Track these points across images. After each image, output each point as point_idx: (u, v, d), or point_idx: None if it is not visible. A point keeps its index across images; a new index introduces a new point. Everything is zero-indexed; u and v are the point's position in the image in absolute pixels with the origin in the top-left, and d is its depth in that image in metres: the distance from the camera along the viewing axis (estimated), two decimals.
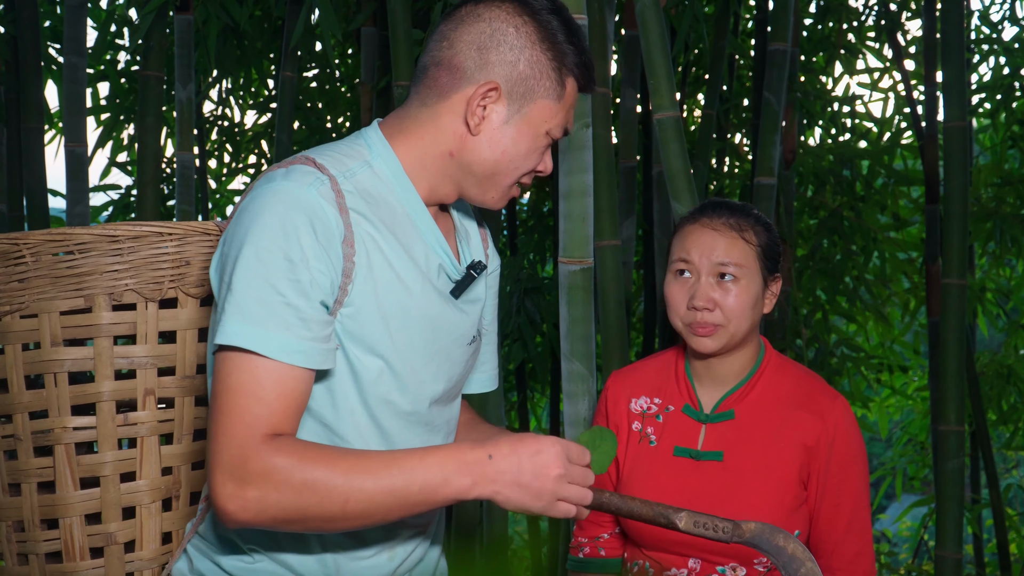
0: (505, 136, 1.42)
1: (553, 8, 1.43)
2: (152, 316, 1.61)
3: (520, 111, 1.42)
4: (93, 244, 1.58)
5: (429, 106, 1.43)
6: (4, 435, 1.63)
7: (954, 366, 3.18)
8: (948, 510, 3.18)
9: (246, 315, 1.28)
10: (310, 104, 5.04)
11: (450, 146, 1.43)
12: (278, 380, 1.29)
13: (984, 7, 4.84)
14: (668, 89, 2.48)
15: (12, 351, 1.60)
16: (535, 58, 1.41)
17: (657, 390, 1.88)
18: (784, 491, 1.76)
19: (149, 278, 1.60)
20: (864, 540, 1.81)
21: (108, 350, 1.59)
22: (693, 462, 1.80)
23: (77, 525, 1.60)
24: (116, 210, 4.85)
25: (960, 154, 3.30)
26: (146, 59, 3.61)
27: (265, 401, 1.28)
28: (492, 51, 1.40)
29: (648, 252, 4.56)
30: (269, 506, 1.26)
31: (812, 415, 1.78)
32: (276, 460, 1.26)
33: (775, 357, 1.86)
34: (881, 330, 5.03)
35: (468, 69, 1.40)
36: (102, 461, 1.61)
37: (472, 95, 1.39)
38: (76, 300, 1.58)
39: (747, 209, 1.82)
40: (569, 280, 2.32)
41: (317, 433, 1.40)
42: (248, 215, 1.33)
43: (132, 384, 1.62)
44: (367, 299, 1.37)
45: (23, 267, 1.58)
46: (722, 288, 1.75)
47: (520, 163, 1.45)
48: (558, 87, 1.43)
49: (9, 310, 1.59)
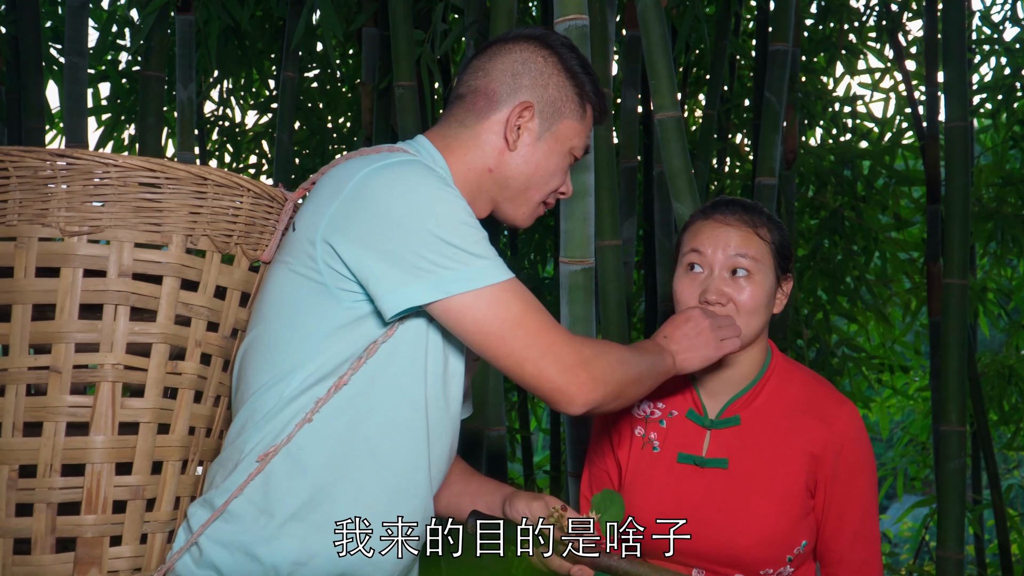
0: (538, 151, 1.61)
1: (570, 47, 1.66)
2: (215, 267, 1.56)
3: (550, 129, 1.61)
4: (183, 183, 1.51)
5: (469, 127, 1.61)
6: (32, 366, 1.48)
7: (955, 366, 3.18)
8: (949, 511, 3.17)
9: (478, 257, 1.44)
10: (311, 104, 5.04)
11: (489, 162, 1.60)
12: (528, 294, 1.48)
13: (985, 7, 4.83)
14: (669, 89, 2.47)
15: (70, 274, 1.47)
16: (561, 83, 1.62)
17: (660, 395, 1.84)
18: (790, 500, 1.72)
19: (223, 229, 1.57)
20: (872, 549, 1.78)
21: (175, 291, 1.52)
22: (697, 469, 1.77)
23: (106, 472, 1.48)
24: None
25: (961, 154, 3.29)
26: (147, 59, 3.61)
27: (541, 311, 1.48)
28: (524, 77, 1.61)
29: (649, 252, 4.56)
30: (608, 379, 1.49)
31: (819, 422, 1.75)
32: (589, 347, 1.50)
33: (782, 361, 1.83)
34: (882, 330, 5.02)
35: (503, 93, 1.60)
36: (146, 407, 1.51)
37: (510, 113, 1.59)
38: (153, 235, 1.50)
39: (759, 207, 1.80)
40: (570, 280, 2.31)
41: (388, 400, 1.51)
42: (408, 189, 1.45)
43: (185, 332, 1.54)
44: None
45: (106, 188, 1.48)
46: (735, 283, 1.73)
47: (550, 179, 1.63)
48: (580, 109, 1.64)
49: (78, 231, 1.48)
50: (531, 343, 1.45)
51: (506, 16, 2.67)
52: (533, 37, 1.64)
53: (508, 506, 1.67)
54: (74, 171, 1.48)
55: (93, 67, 4.48)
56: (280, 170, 4.17)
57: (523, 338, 1.45)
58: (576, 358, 1.46)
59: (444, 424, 1.56)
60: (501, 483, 1.75)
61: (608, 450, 1.88)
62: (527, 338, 1.45)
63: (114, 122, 4.70)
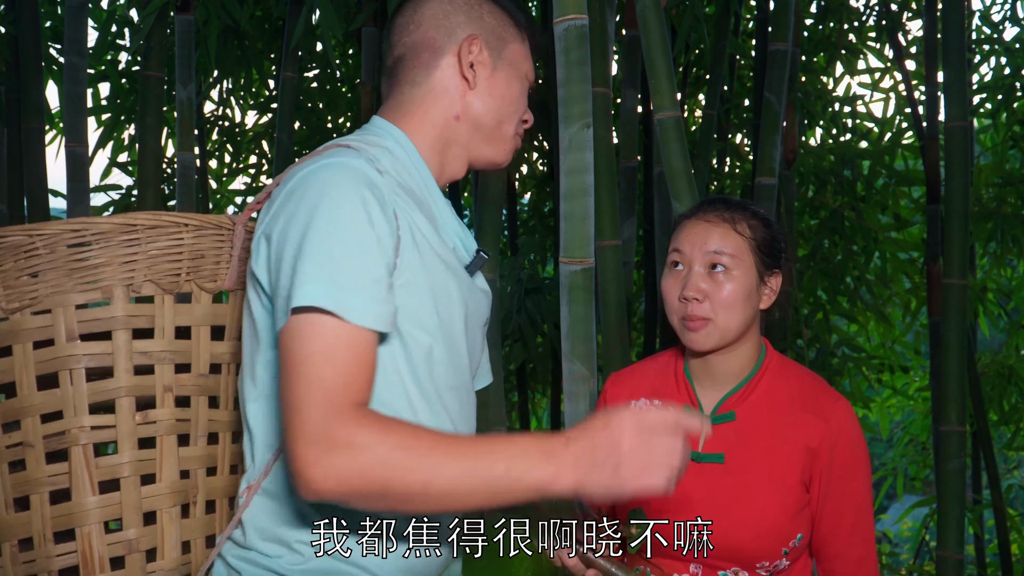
0: (498, 81, 1.52)
1: None
2: (169, 310, 1.54)
3: (501, 56, 1.53)
4: (110, 234, 1.50)
5: (420, 84, 1.50)
6: (9, 444, 1.52)
7: (955, 366, 3.17)
8: (949, 511, 3.17)
9: (323, 278, 1.27)
10: (311, 104, 5.04)
11: (455, 109, 1.50)
12: (352, 344, 1.27)
13: (985, 7, 4.83)
14: (669, 90, 2.47)
15: (22, 350, 1.50)
16: (493, 10, 1.54)
17: (656, 391, 1.85)
18: (786, 494, 1.74)
19: (167, 270, 1.54)
20: (868, 544, 1.79)
21: (127, 344, 1.51)
22: (694, 464, 1.77)
23: (96, 533, 1.49)
24: (117, 210, 4.85)
25: (961, 154, 3.29)
26: (147, 59, 3.60)
27: (342, 367, 1.26)
28: (456, 14, 1.52)
29: (649, 252, 4.56)
30: (352, 476, 1.21)
31: (815, 417, 1.76)
32: (360, 430, 1.22)
33: (776, 358, 1.84)
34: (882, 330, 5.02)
35: (442, 37, 1.50)
36: (121, 462, 1.51)
37: (460, 51, 1.49)
38: (93, 293, 1.50)
39: (744, 204, 1.80)
40: (570, 280, 2.31)
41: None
42: (306, 190, 1.34)
43: (151, 380, 1.53)
44: (416, 272, 1.39)
45: (36, 260, 1.49)
46: (713, 279, 1.73)
47: (516, 106, 1.54)
48: (518, 31, 1.56)
49: (19, 307, 1.50)
50: (301, 394, 1.24)
51: None
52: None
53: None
54: (3, 249, 1.49)
55: (93, 67, 4.48)
56: (280, 170, 4.17)
57: (298, 383, 1.24)
58: (325, 437, 1.21)
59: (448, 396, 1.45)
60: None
61: None
62: (301, 386, 1.24)
63: (114, 122, 4.70)
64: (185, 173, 3.67)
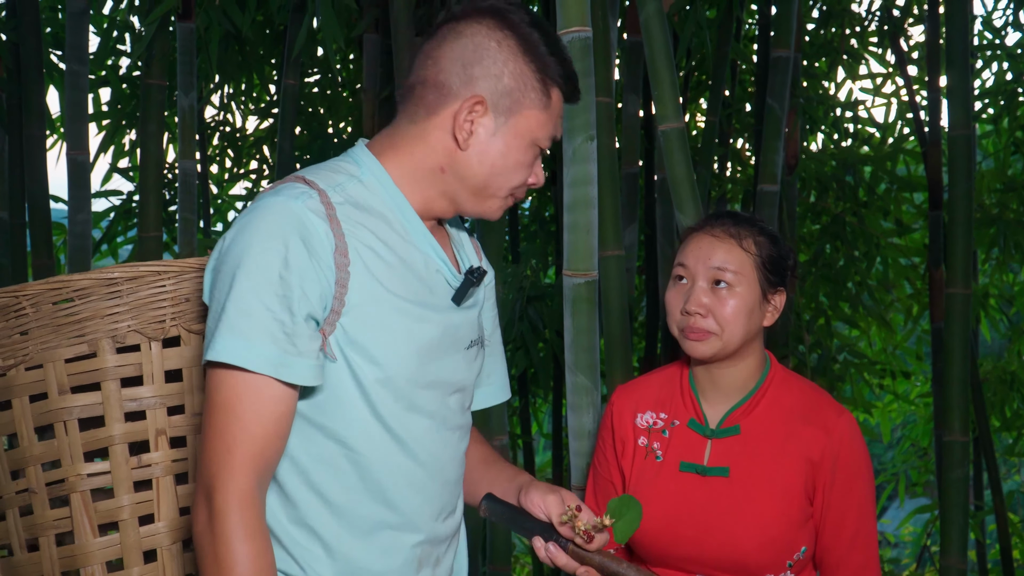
0: (493, 149, 1.44)
1: (533, 22, 1.45)
2: (157, 355, 1.61)
3: (507, 123, 1.44)
4: (91, 288, 1.57)
5: (417, 123, 1.46)
6: (18, 491, 1.62)
7: (958, 376, 3.17)
8: (953, 520, 3.17)
9: (233, 330, 1.31)
10: (312, 109, 5.03)
11: (440, 161, 1.45)
12: (258, 398, 1.32)
13: (987, 12, 4.83)
14: (673, 100, 2.47)
15: (19, 404, 1.60)
16: (519, 70, 1.43)
17: (662, 404, 1.87)
18: (790, 506, 1.75)
19: (150, 317, 1.60)
20: (869, 553, 1.80)
21: (116, 393, 1.59)
22: (699, 477, 1.79)
23: (99, 573, 1.59)
24: (117, 216, 4.85)
25: (965, 164, 3.27)
26: (148, 67, 3.60)
27: (244, 421, 1.32)
28: (476, 66, 1.42)
29: (651, 257, 4.56)
30: (202, 535, 1.32)
31: (817, 429, 1.77)
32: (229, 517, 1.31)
33: (780, 371, 1.85)
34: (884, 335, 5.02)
35: (453, 85, 1.43)
36: (119, 505, 1.59)
37: (458, 110, 1.42)
38: (80, 346, 1.58)
39: (752, 220, 1.81)
40: (574, 293, 2.31)
41: (331, 450, 1.42)
42: (238, 232, 1.36)
43: (143, 425, 1.61)
44: (366, 305, 1.39)
45: (24, 319, 1.58)
46: (716, 295, 1.75)
47: (510, 175, 1.47)
48: (544, 97, 1.46)
49: (13, 363, 1.59)
50: (207, 442, 1.33)
51: None
52: (488, 13, 1.44)
53: (523, 495, 1.59)
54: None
55: (94, 72, 4.48)
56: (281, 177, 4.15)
57: (208, 430, 1.33)
58: (206, 491, 1.32)
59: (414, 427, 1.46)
60: (519, 470, 1.69)
61: (612, 459, 1.90)
62: (210, 435, 1.33)
63: (114, 127, 4.69)
64: (186, 180, 3.67)
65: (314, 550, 1.43)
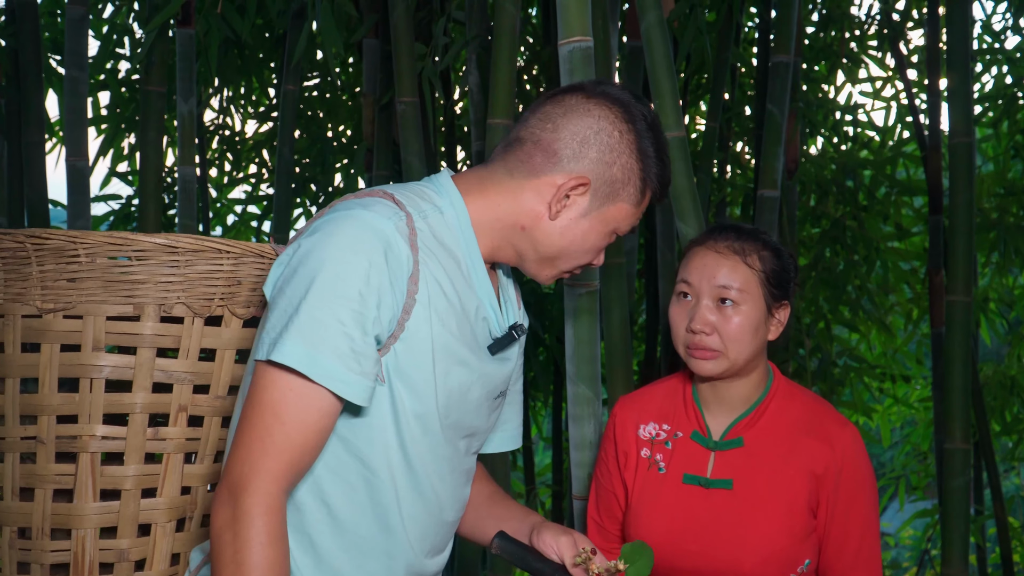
0: (579, 228, 1.48)
1: (652, 123, 1.51)
2: (197, 332, 1.59)
3: (600, 209, 1.48)
4: (151, 253, 1.54)
5: (515, 178, 1.48)
6: (24, 436, 1.58)
7: (959, 384, 3.16)
8: (954, 528, 3.16)
9: (303, 335, 1.31)
10: (311, 113, 5.03)
11: (524, 221, 1.48)
12: (307, 407, 1.32)
13: (986, 16, 4.82)
14: (673, 109, 2.47)
15: (49, 350, 1.55)
16: (629, 165, 1.48)
17: (665, 416, 1.87)
18: (793, 519, 1.75)
19: (201, 293, 1.58)
20: (872, 567, 1.80)
21: (150, 361, 1.56)
22: (702, 490, 1.79)
23: (90, 538, 1.56)
24: (116, 220, 4.84)
25: (966, 172, 3.27)
26: (147, 73, 3.59)
27: (288, 427, 1.31)
28: (593, 148, 1.46)
29: (651, 261, 4.56)
30: (222, 532, 1.30)
31: (821, 442, 1.77)
32: (255, 520, 1.29)
33: (783, 383, 1.85)
34: (883, 339, 5.02)
35: (565, 157, 1.46)
36: (126, 474, 1.57)
37: (563, 184, 1.45)
38: (125, 307, 1.55)
39: (756, 234, 1.80)
40: (576, 304, 2.31)
41: (349, 466, 1.42)
42: (324, 237, 1.35)
43: (167, 398, 1.58)
44: (422, 336, 1.40)
45: (75, 266, 1.54)
46: (721, 313, 1.74)
47: (583, 255, 1.52)
48: (639, 195, 1.51)
49: (53, 308, 1.54)
50: (246, 436, 1.32)
51: (508, 32, 2.66)
52: (618, 103, 1.48)
53: (535, 536, 1.61)
54: (45, 251, 1.54)
55: (93, 77, 4.47)
56: (281, 182, 4.17)
57: (251, 426, 1.32)
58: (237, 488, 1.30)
59: (431, 464, 1.48)
60: (530, 510, 1.71)
61: (615, 471, 1.90)
62: (252, 430, 1.32)
63: (113, 131, 4.68)
64: (186, 186, 3.66)
65: (305, 559, 1.43)
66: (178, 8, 3.42)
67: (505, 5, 2.65)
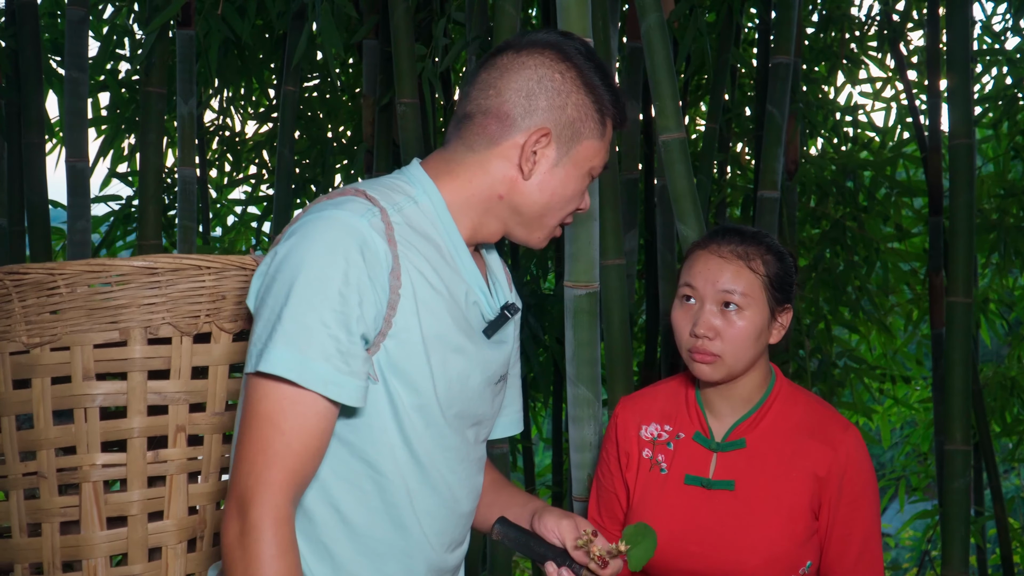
0: (555, 178, 1.47)
1: (587, 53, 1.49)
2: (187, 350, 1.58)
3: (568, 153, 1.47)
4: (131, 276, 1.54)
5: (477, 152, 1.47)
6: (26, 472, 1.57)
7: (960, 385, 3.16)
8: (954, 530, 3.15)
9: (289, 342, 1.29)
10: (311, 114, 5.03)
11: (500, 189, 1.47)
12: (304, 414, 1.31)
13: (986, 17, 4.82)
14: (674, 111, 2.47)
15: (40, 384, 1.55)
16: (580, 101, 1.47)
17: (667, 417, 1.87)
18: (795, 521, 1.75)
19: (186, 312, 1.57)
20: (874, 571, 1.80)
21: (142, 385, 1.56)
22: (704, 491, 1.79)
23: (101, 566, 1.56)
24: (116, 221, 4.84)
25: (966, 173, 3.26)
26: (147, 74, 3.59)
27: (287, 436, 1.30)
28: (540, 97, 1.45)
29: (651, 262, 4.56)
30: (233, 548, 1.29)
31: (824, 445, 1.77)
32: (264, 533, 1.28)
33: (786, 385, 1.85)
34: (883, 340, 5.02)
35: (517, 116, 1.45)
36: (130, 500, 1.57)
37: (525, 141, 1.45)
38: (111, 333, 1.54)
39: (759, 237, 1.80)
40: (575, 304, 2.31)
41: (356, 470, 1.42)
42: (299, 241, 1.34)
43: (163, 420, 1.58)
44: (411, 330, 1.39)
45: (57, 298, 1.53)
46: (725, 317, 1.74)
47: (567, 203, 1.50)
48: (600, 127, 1.49)
49: (40, 342, 1.54)
50: (246, 450, 1.30)
51: (508, 33, 2.66)
52: (548, 46, 1.47)
53: (537, 520, 1.60)
54: (25, 286, 1.54)
55: (93, 77, 4.47)
56: (281, 182, 4.17)
57: (249, 440, 1.31)
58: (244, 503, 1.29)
59: (439, 456, 1.47)
60: (531, 495, 1.70)
61: (616, 471, 1.90)
62: (251, 444, 1.30)
63: (113, 132, 4.69)
64: (186, 188, 3.66)
65: (322, 568, 1.42)
66: (178, 9, 3.43)
67: (505, 6, 2.65)
